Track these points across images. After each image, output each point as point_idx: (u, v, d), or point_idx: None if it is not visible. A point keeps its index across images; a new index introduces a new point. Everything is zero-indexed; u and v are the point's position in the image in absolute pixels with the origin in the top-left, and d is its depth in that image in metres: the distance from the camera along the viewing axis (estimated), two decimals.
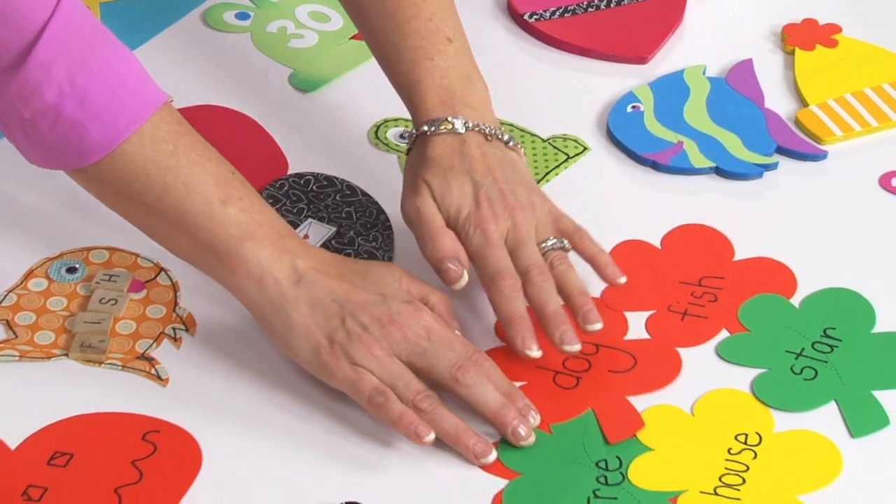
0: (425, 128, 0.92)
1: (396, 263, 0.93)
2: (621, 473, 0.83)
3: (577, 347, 0.87)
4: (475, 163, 0.91)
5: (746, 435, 0.85)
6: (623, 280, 0.91)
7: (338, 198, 0.99)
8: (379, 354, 0.84)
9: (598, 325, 0.88)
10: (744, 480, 0.83)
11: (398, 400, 0.83)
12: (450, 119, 0.92)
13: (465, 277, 0.89)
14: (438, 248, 0.89)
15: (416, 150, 0.94)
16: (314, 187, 0.99)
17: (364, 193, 0.99)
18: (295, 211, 0.97)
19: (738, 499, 0.82)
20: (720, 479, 0.83)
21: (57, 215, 0.98)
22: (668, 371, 0.89)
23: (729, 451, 0.84)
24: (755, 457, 0.84)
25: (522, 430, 0.84)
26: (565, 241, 0.91)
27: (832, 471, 0.84)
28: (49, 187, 0.99)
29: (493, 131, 0.93)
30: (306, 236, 0.96)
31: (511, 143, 0.94)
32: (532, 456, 0.84)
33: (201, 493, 0.83)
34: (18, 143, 0.86)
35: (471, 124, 0.92)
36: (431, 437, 0.82)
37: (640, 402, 0.87)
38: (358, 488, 0.83)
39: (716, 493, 0.82)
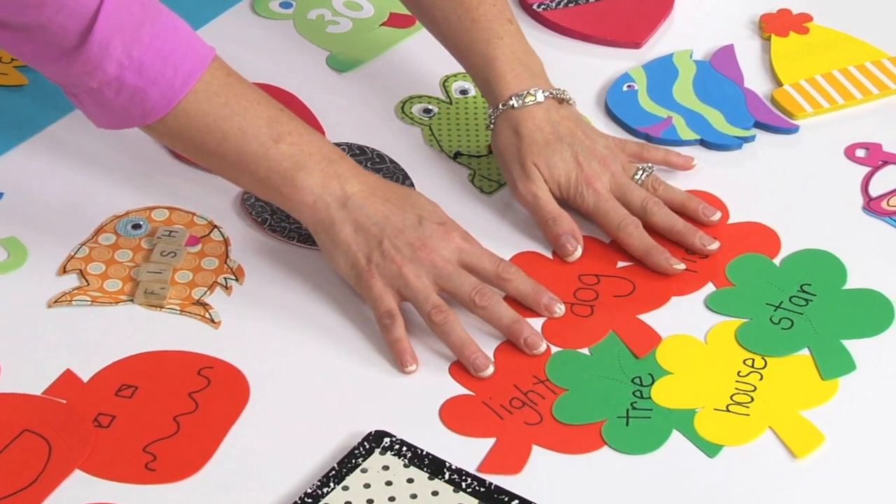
0: (512, 102, 0.93)
1: None
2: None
3: (716, 244, 0.90)
4: (562, 128, 0.93)
5: (753, 359, 0.86)
6: (693, 164, 0.96)
7: (368, 165, 0.99)
8: (407, 274, 0.86)
9: (717, 215, 0.92)
10: (752, 399, 0.84)
11: (402, 327, 0.85)
12: (532, 91, 0.93)
13: (580, 251, 0.91)
14: (558, 226, 0.92)
15: (505, 126, 0.94)
16: (348, 155, 0.99)
17: (392, 161, 1.00)
18: None
19: (748, 414, 0.83)
20: (731, 398, 0.84)
21: (124, 178, 0.98)
22: (663, 291, 0.90)
23: (738, 374, 0.85)
24: (761, 378, 0.85)
25: (532, 340, 0.86)
26: (646, 164, 0.95)
27: (829, 390, 0.84)
28: (117, 154, 0.99)
29: (560, 95, 0.95)
30: None
31: (571, 101, 0.96)
32: (576, 374, 0.85)
33: (249, 422, 0.83)
34: (89, 111, 0.87)
35: (547, 93, 0.94)
36: (412, 368, 0.85)
37: (660, 331, 0.88)
38: (387, 418, 0.83)
39: (728, 410, 0.83)
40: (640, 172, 0.94)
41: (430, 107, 1.05)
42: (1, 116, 1.02)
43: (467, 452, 0.81)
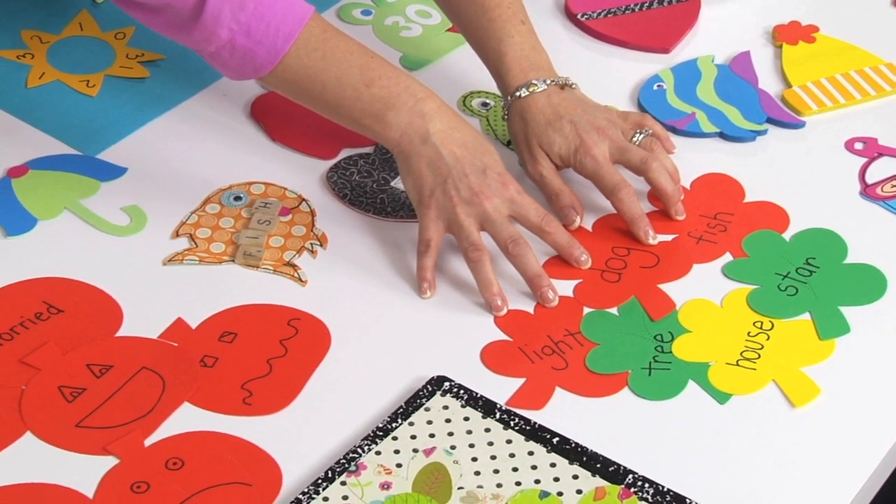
0: (519, 92, 0.92)
1: None
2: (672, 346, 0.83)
3: (683, 216, 0.90)
4: (562, 108, 0.91)
5: (762, 321, 0.84)
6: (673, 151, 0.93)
7: None
8: (459, 213, 0.85)
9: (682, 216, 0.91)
10: (759, 355, 0.82)
11: (434, 258, 0.85)
12: (534, 81, 0.91)
13: (579, 220, 0.89)
14: (560, 200, 0.90)
15: (516, 114, 0.92)
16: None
17: None
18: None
19: (754, 368, 0.81)
20: (741, 354, 0.82)
21: (227, 158, 0.97)
22: (682, 266, 0.88)
23: (748, 334, 0.83)
24: (768, 339, 0.83)
25: (550, 295, 0.85)
26: (645, 128, 0.92)
27: (826, 350, 0.83)
28: (221, 137, 0.98)
29: (562, 82, 0.93)
30: None
31: (574, 86, 0.94)
32: (606, 331, 0.83)
33: (330, 366, 0.82)
34: (216, 68, 0.88)
35: (549, 81, 0.92)
36: (428, 295, 0.85)
37: (679, 297, 0.86)
38: (440, 358, 0.82)
39: (737, 364, 0.81)
40: (639, 135, 0.92)
41: (488, 101, 1.03)
42: (126, 104, 1.01)
43: (500, 388, 0.80)
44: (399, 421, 0.78)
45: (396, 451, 0.76)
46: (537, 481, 0.75)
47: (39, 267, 0.87)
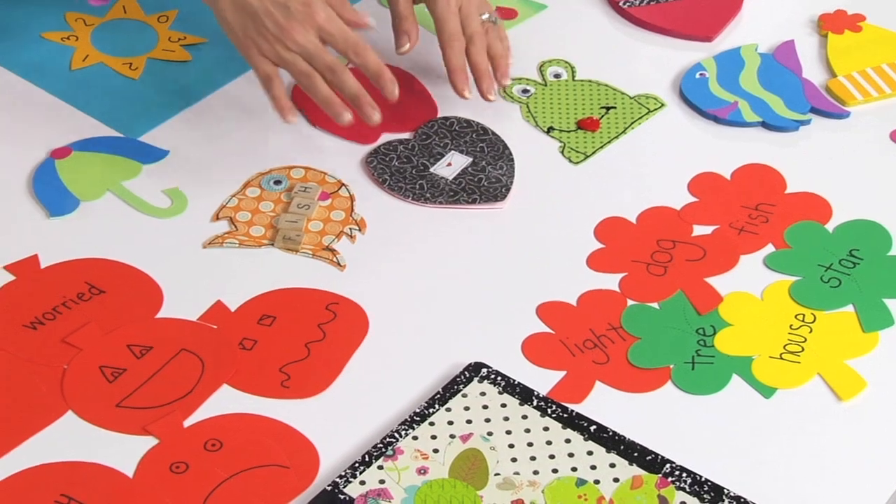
0: None
1: (518, 190, 0.92)
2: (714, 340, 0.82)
3: (493, 97, 0.93)
4: None
5: (804, 314, 0.84)
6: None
7: (474, 136, 0.97)
8: (278, 49, 0.88)
9: (507, 81, 0.95)
10: (803, 349, 0.81)
11: (281, 87, 0.89)
12: None
13: (408, 47, 0.93)
14: (403, 23, 0.93)
15: None
16: (456, 127, 0.98)
17: (493, 133, 0.98)
18: (441, 144, 0.96)
19: (798, 362, 0.81)
20: (784, 348, 0.82)
21: (268, 142, 0.98)
22: (729, 258, 0.87)
23: (791, 327, 0.83)
24: (811, 331, 0.83)
25: (369, 111, 0.89)
26: (496, 18, 0.96)
27: (871, 342, 0.82)
28: (263, 121, 0.99)
29: None
30: (450, 164, 0.95)
31: None
32: (648, 325, 0.83)
33: (368, 350, 0.83)
34: None
35: None
36: (293, 119, 0.89)
37: (721, 290, 0.86)
38: (481, 347, 0.82)
39: (781, 358, 0.81)
40: (488, 16, 0.96)
41: (528, 87, 1.03)
42: (168, 87, 1.01)
43: (540, 380, 0.80)
44: (436, 406, 0.78)
45: (433, 437, 0.76)
46: (574, 469, 0.75)
47: (82, 247, 0.88)
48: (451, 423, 0.77)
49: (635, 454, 0.75)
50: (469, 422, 0.77)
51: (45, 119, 0.98)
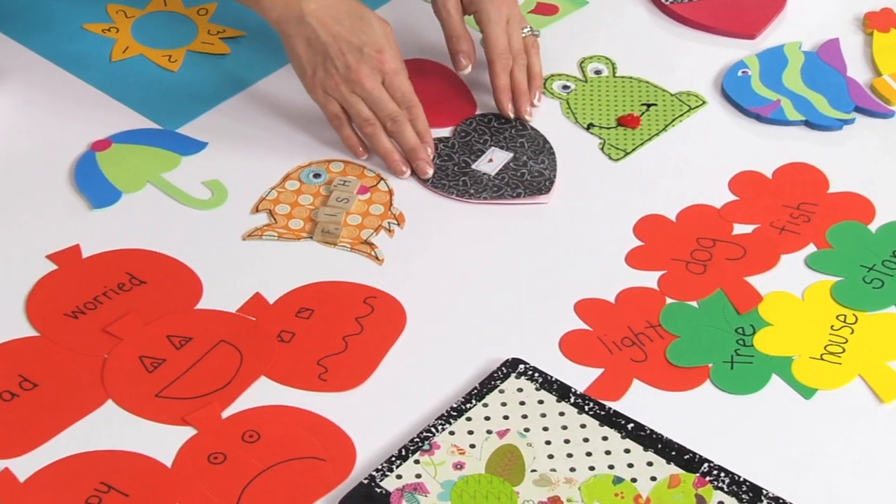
0: None
1: (558, 187, 0.92)
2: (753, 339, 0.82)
3: (529, 117, 0.95)
4: None
5: (845, 315, 0.83)
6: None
7: (513, 131, 0.97)
8: (343, 91, 0.89)
9: (539, 103, 0.96)
10: (844, 349, 0.81)
11: (350, 127, 0.92)
12: None
13: (469, 69, 0.94)
14: (459, 43, 0.94)
15: None
16: (495, 123, 0.98)
17: (533, 128, 0.98)
18: (481, 141, 0.97)
19: (840, 363, 0.80)
20: (825, 348, 0.81)
21: (308, 135, 0.98)
22: (770, 258, 0.87)
23: (832, 328, 0.82)
24: (852, 332, 0.82)
25: (425, 167, 0.91)
26: (536, 31, 0.97)
27: None
28: (303, 114, 0.99)
29: None
30: (491, 160, 0.95)
31: None
32: (687, 323, 0.83)
33: (405, 345, 0.83)
34: None
35: None
36: (365, 156, 0.92)
37: (761, 289, 0.85)
38: (518, 343, 0.82)
39: (822, 359, 0.81)
40: (528, 30, 0.97)
41: (569, 84, 1.03)
42: (207, 79, 1.02)
43: (578, 377, 0.80)
44: (473, 402, 0.78)
45: (470, 432, 0.77)
46: (611, 466, 0.75)
47: (123, 238, 0.89)
48: (487, 418, 0.77)
49: (673, 453, 0.75)
50: (506, 417, 0.77)
51: (85, 111, 0.99)
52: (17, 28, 1.04)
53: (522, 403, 0.78)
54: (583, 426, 0.77)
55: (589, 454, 0.75)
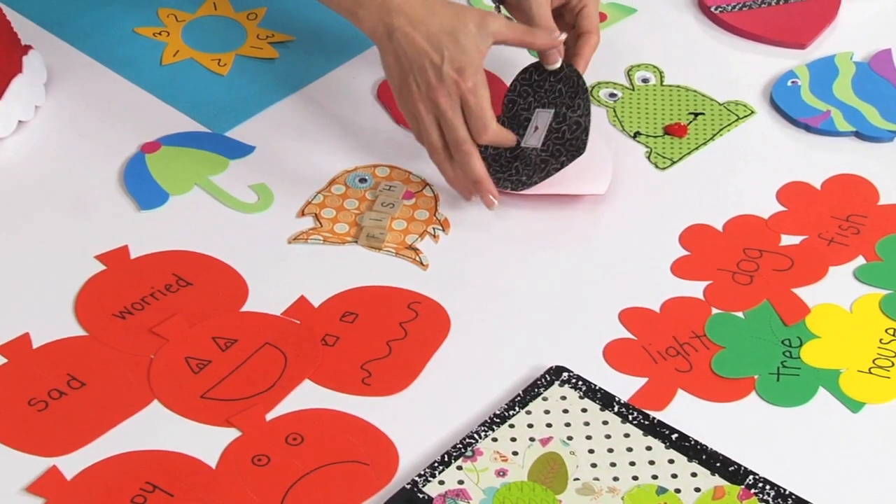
0: None
1: (604, 195, 0.92)
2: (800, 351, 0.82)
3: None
4: None
5: (894, 328, 0.83)
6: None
7: (552, 79, 0.95)
8: (420, 109, 0.89)
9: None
10: (893, 363, 0.81)
11: (438, 147, 0.90)
12: None
13: (560, 62, 0.92)
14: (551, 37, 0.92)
15: None
16: (535, 76, 0.96)
17: (569, 65, 0.95)
18: (526, 105, 0.95)
19: (888, 377, 0.80)
20: (873, 362, 0.81)
21: (354, 140, 0.99)
22: (818, 269, 0.87)
23: (880, 342, 0.82)
24: None
25: (488, 200, 0.90)
26: None
27: None
28: (349, 119, 1.00)
29: None
30: (536, 127, 0.93)
31: None
32: (732, 334, 0.83)
33: (449, 350, 0.84)
34: None
35: None
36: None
37: (808, 301, 0.85)
38: (562, 351, 0.82)
39: (870, 372, 0.80)
40: None
41: (616, 92, 1.03)
42: (256, 83, 1.03)
43: (622, 386, 0.80)
44: (516, 409, 0.79)
45: (513, 439, 0.77)
46: (654, 477, 0.75)
47: (170, 240, 0.91)
48: (530, 426, 0.78)
49: (717, 464, 0.75)
50: (549, 425, 0.77)
51: (135, 113, 1.00)
52: (70, 32, 1.06)
53: (566, 411, 0.78)
54: (626, 435, 0.77)
55: (632, 464, 0.75)
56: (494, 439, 0.77)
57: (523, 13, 0.94)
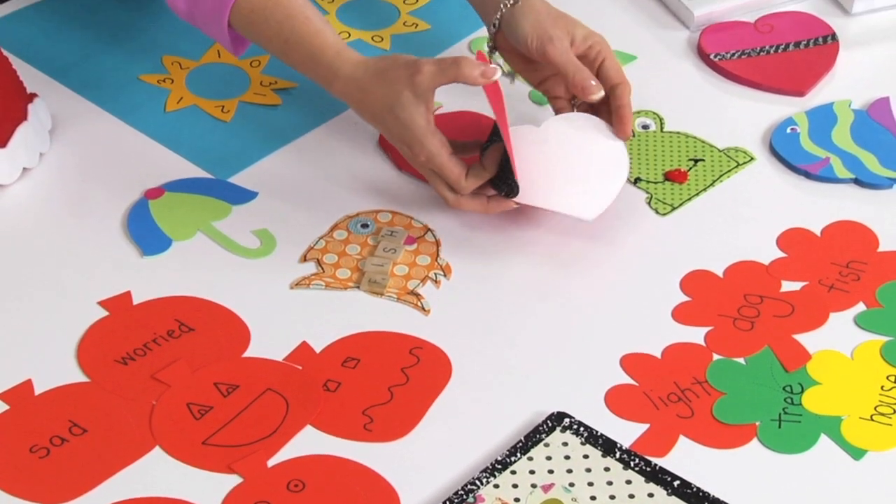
0: (510, 1, 0.95)
1: (604, 241, 0.92)
2: (802, 398, 0.82)
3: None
4: (550, 6, 0.95)
5: None
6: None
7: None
8: (417, 165, 0.92)
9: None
10: (895, 411, 0.81)
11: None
12: None
13: (601, 93, 0.93)
14: (584, 74, 0.92)
15: (518, 16, 0.94)
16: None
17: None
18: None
19: (891, 424, 0.80)
20: (875, 409, 0.81)
21: (356, 185, 0.99)
22: (818, 316, 0.87)
23: (882, 388, 0.82)
24: None
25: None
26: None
27: None
28: (351, 165, 1.01)
29: None
30: None
31: None
32: (733, 380, 0.83)
33: (451, 396, 0.84)
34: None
35: None
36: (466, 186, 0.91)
37: (809, 347, 0.86)
38: (563, 396, 0.83)
39: (872, 419, 0.80)
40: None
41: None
42: (259, 129, 1.04)
43: (623, 432, 0.80)
44: (518, 455, 0.79)
45: (515, 486, 0.77)
46: None
47: (173, 286, 0.91)
48: (532, 472, 0.78)
49: None
50: (551, 472, 0.78)
51: (139, 159, 1.01)
52: (75, 79, 1.07)
53: (567, 458, 0.78)
54: (628, 482, 0.77)
55: None
56: (496, 486, 0.77)
57: (540, 65, 0.96)
